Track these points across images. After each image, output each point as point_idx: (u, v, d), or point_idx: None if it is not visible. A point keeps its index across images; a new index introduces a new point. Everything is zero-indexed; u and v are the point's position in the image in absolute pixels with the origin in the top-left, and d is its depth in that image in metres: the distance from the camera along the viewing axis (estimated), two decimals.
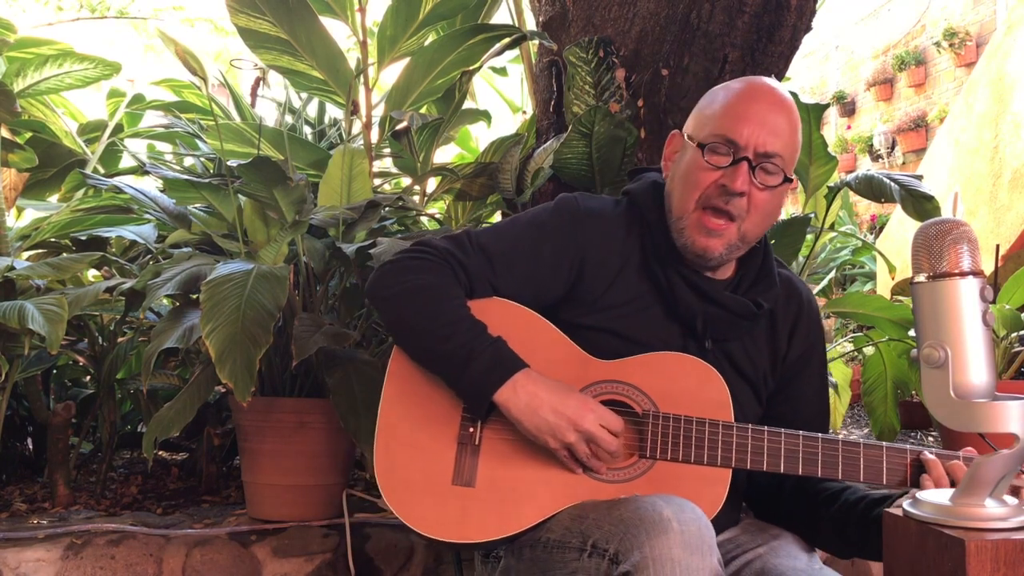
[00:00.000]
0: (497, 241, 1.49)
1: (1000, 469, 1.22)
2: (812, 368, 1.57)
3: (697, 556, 1.16)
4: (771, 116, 1.43)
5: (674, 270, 1.48)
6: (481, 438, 1.42)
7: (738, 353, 1.51)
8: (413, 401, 1.45)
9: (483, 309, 1.44)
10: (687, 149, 1.48)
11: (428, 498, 1.40)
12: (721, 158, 1.42)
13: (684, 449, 1.39)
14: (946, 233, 1.22)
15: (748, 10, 2.27)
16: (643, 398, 1.42)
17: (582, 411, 1.35)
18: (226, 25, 7.82)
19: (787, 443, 1.39)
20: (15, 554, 1.92)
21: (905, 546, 1.27)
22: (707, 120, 1.46)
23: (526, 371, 1.37)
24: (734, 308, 1.48)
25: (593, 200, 1.55)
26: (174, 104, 3.14)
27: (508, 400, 1.35)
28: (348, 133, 2.86)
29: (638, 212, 1.53)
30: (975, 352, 1.21)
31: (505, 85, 3.82)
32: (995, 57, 5.61)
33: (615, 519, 1.23)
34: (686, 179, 1.45)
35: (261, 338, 1.83)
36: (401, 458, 1.42)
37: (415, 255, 1.46)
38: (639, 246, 1.50)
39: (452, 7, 2.50)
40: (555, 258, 1.48)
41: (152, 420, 2.03)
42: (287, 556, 2.01)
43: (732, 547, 1.45)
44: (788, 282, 1.58)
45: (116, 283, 2.21)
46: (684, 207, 1.45)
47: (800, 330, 1.56)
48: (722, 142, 1.42)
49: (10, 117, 2.36)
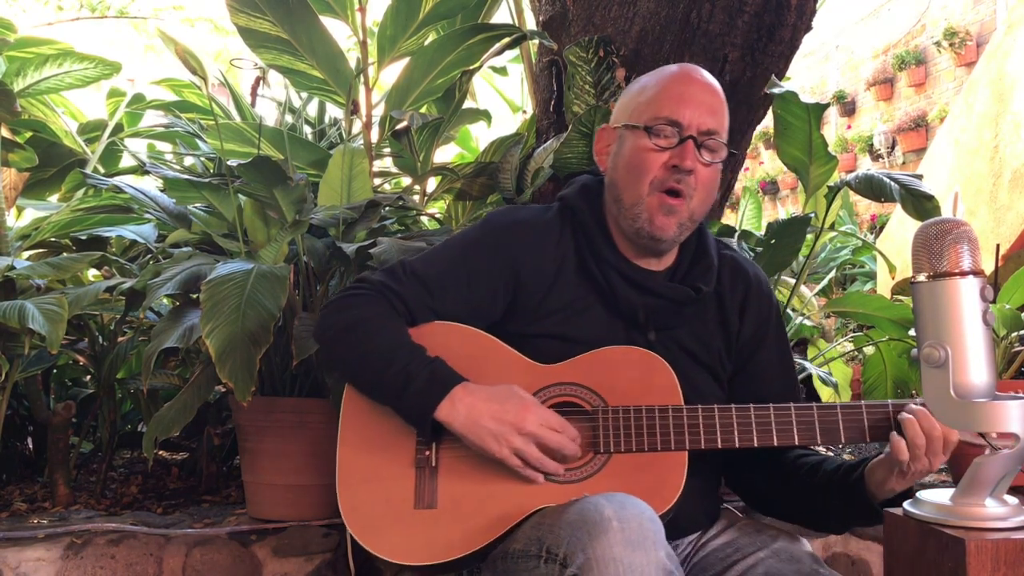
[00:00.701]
0: (431, 266, 1.52)
1: (1000, 469, 1.22)
2: (769, 344, 1.58)
3: (640, 552, 1.16)
4: (707, 96, 1.49)
5: (610, 267, 1.50)
6: (438, 459, 1.43)
7: (689, 339, 1.53)
8: (369, 435, 1.47)
9: (425, 333, 1.47)
10: (625, 138, 1.51)
11: (394, 527, 1.41)
12: (668, 140, 1.45)
13: (636, 439, 1.39)
14: (946, 233, 1.22)
15: (748, 10, 2.27)
16: (592, 395, 1.44)
17: (522, 413, 1.36)
18: (226, 25, 7.82)
19: (739, 416, 1.40)
20: (15, 554, 1.92)
21: (905, 546, 1.27)
22: (645, 106, 1.49)
23: (464, 385, 1.39)
24: (673, 296, 1.50)
25: (521, 211, 1.59)
26: (174, 104, 3.14)
27: (448, 415, 1.37)
28: (348, 133, 2.86)
29: (570, 215, 1.56)
30: (975, 352, 1.21)
31: (505, 85, 3.82)
32: (995, 57, 5.61)
33: (563, 523, 1.24)
34: (633, 165, 1.48)
35: (261, 338, 1.83)
36: (364, 493, 1.44)
37: (351, 292, 1.50)
38: (573, 248, 1.53)
39: (452, 7, 2.50)
40: (489, 274, 1.50)
41: (152, 420, 2.03)
42: (287, 556, 2.01)
43: (731, 551, 1.45)
44: (733, 262, 1.60)
45: (116, 283, 2.21)
46: (637, 193, 1.47)
47: (750, 308, 1.57)
48: (666, 123, 1.45)
49: (10, 117, 2.36)
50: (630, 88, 1.57)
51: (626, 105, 1.54)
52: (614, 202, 1.51)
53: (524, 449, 1.36)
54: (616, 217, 1.51)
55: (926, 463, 1.33)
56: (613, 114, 1.58)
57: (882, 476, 1.37)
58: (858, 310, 2.66)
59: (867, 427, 1.39)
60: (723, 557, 1.44)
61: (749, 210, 4.23)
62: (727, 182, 2.61)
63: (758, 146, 12.67)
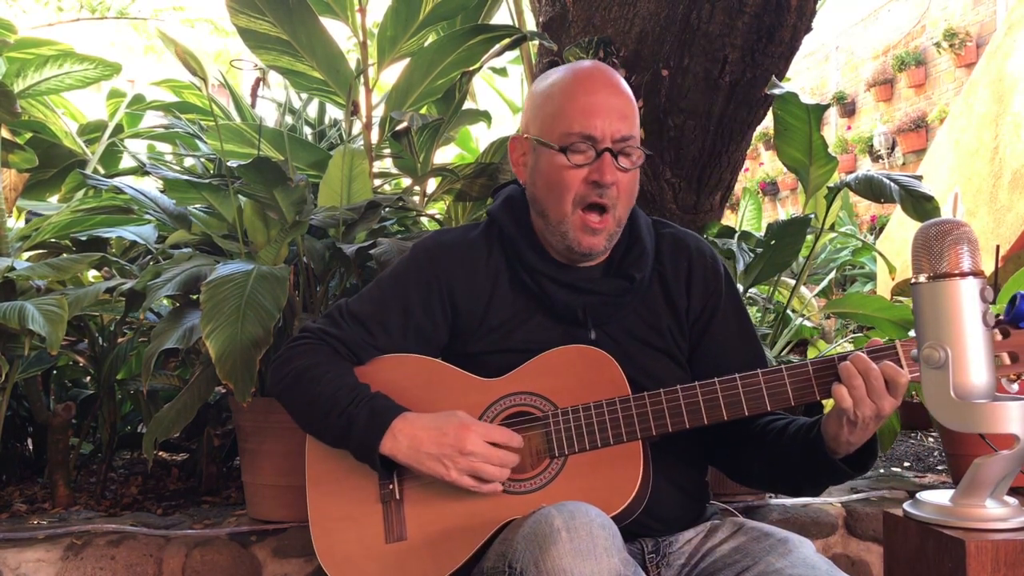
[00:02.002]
0: (366, 305, 1.54)
1: (1000, 469, 1.22)
2: (723, 315, 1.56)
3: (590, 561, 1.16)
4: (614, 100, 1.46)
5: (541, 274, 1.50)
6: (401, 491, 1.45)
7: (637, 327, 1.52)
8: (333, 477, 1.49)
9: (371, 371, 1.49)
10: (540, 153, 1.48)
11: (369, 565, 1.43)
12: (583, 156, 1.44)
13: (589, 437, 1.39)
14: (946, 234, 1.23)
15: (748, 11, 2.27)
16: (542, 401, 1.44)
17: (461, 434, 1.37)
18: (226, 26, 7.82)
19: (685, 396, 1.39)
20: (15, 554, 1.92)
21: (905, 546, 1.27)
22: (554, 120, 1.46)
23: (403, 416, 1.41)
24: (606, 290, 1.50)
25: (446, 234, 1.60)
26: (174, 104, 3.15)
27: (392, 449, 1.40)
28: (348, 134, 2.86)
29: (497, 229, 1.56)
30: (975, 352, 1.21)
31: (505, 85, 3.82)
32: (995, 57, 5.61)
33: (519, 536, 1.25)
34: (553, 184, 1.47)
35: (261, 339, 1.83)
36: (336, 535, 1.47)
37: (294, 344, 1.53)
38: (505, 262, 1.54)
39: (452, 7, 2.50)
40: (424, 302, 1.52)
41: (152, 421, 2.03)
42: (287, 556, 2.01)
43: (740, 556, 1.43)
44: (672, 238, 1.58)
45: (116, 283, 2.21)
46: (562, 211, 1.46)
47: (696, 281, 1.55)
48: (580, 139, 1.43)
49: (10, 117, 2.36)
50: (537, 88, 1.53)
51: (535, 114, 1.51)
52: (539, 216, 1.51)
53: (472, 467, 1.37)
54: (543, 231, 1.51)
55: (872, 407, 1.30)
56: (523, 119, 1.56)
57: (835, 429, 1.34)
58: (858, 311, 2.65)
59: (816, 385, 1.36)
60: (731, 563, 1.42)
61: (749, 211, 4.23)
62: (727, 183, 2.61)
63: (758, 147, 12.68)
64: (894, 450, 3.23)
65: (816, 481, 1.46)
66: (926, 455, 3.17)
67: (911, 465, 2.99)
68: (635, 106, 1.50)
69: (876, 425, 1.33)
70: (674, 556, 1.48)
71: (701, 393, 1.39)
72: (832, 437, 1.36)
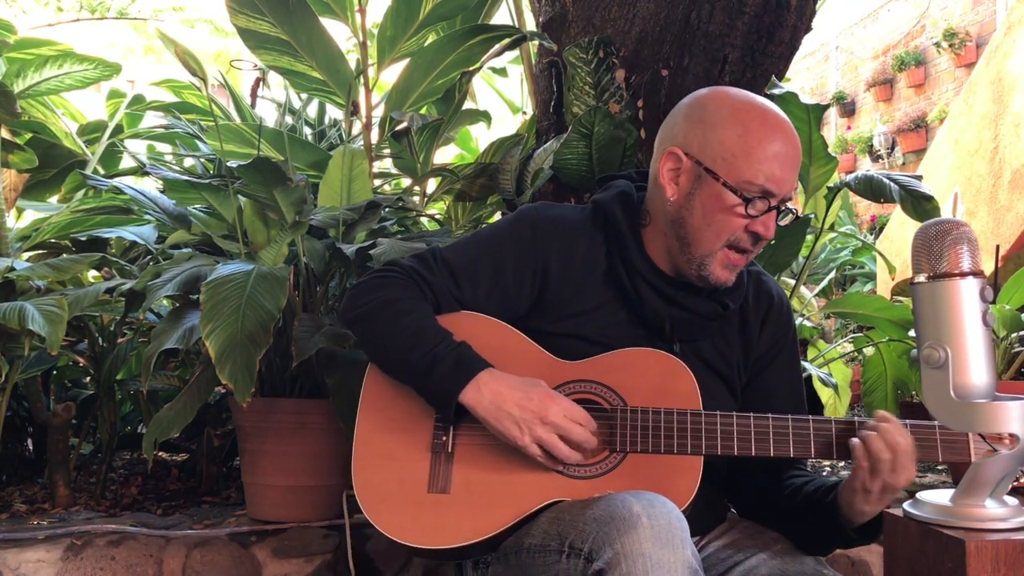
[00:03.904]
0: (460, 256, 1.51)
1: (1000, 469, 1.22)
2: (781, 362, 1.58)
3: (668, 549, 1.16)
4: (796, 155, 1.43)
5: (640, 276, 1.49)
6: (454, 445, 1.43)
7: (709, 351, 1.53)
8: (388, 415, 1.47)
9: (451, 322, 1.47)
10: (706, 182, 1.42)
11: (406, 508, 1.41)
12: (760, 207, 1.41)
13: (653, 440, 1.39)
14: (946, 234, 1.22)
15: (748, 11, 2.27)
16: (611, 394, 1.44)
17: (546, 403, 1.36)
18: (226, 26, 7.82)
19: (756, 424, 1.39)
20: (15, 555, 1.91)
21: (905, 547, 1.27)
22: (737, 160, 1.40)
23: (490, 370, 1.39)
24: (700, 310, 1.50)
25: (555, 209, 1.57)
26: (174, 105, 3.14)
27: (473, 399, 1.37)
28: (348, 134, 2.86)
29: (603, 220, 1.54)
30: (975, 352, 1.21)
31: (505, 86, 3.82)
32: (995, 57, 5.60)
33: (588, 518, 1.24)
34: (715, 222, 1.43)
35: (261, 339, 1.83)
36: (378, 472, 1.44)
37: (381, 275, 1.50)
38: (604, 253, 1.52)
39: (452, 8, 2.50)
40: (518, 269, 1.50)
41: (152, 421, 2.03)
42: (287, 557, 2.01)
43: (732, 551, 1.45)
44: (758, 279, 1.60)
45: (116, 284, 2.21)
46: (711, 247, 1.44)
47: (769, 325, 1.57)
48: (761, 195, 1.40)
49: (10, 118, 2.36)
50: (708, 107, 1.45)
51: (707, 138, 1.42)
52: (676, 239, 1.47)
53: (546, 439, 1.35)
54: (673, 251, 1.48)
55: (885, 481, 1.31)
56: (685, 135, 1.46)
57: (849, 496, 1.36)
58: (858, 311, 2.66)
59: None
60: (724, 558, 1.44)
61: None
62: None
63: None
64: None
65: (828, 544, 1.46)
66: None
67: None
68: None
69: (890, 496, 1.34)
70: None
71: (772, 425, 1.39)
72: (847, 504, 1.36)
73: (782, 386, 1.58)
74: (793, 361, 1.61)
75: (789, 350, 1.60)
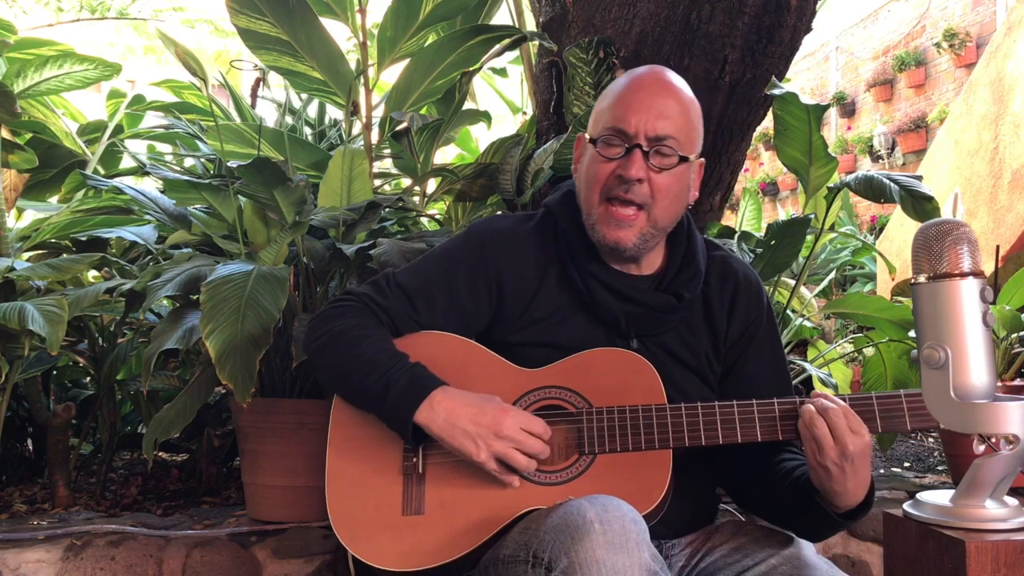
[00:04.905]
0: (414, 279, 1.53)
1: (1000, 470, 1.22)
2: (758, 345, 1.56)
3: (623, 554, 1.16)
4: (658, 101, 1.46)
5: (591, 275, 1.50)
6: (424, 466, 1.44)
7: (675, 343, 1.52)
8: (357, 443, 1.48)
9: (410, 344, 1.48)
10: (587, 149, 1.52)
11: (382, 533, 1.42)
12: (614, 149, 1.46)
13: (621, 439, 1.40)
14: (946, 234, 1.22)
15: (748, 11, 2.27)
16: (576, 398, 1.44)
17: (500, 417, 1.37)
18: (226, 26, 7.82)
19: (721, 413, 1.40)
20: (15, 555, 1.92)
21: (905, 547, 1.27)
22: (599, 117, 1.50)
23: (443, 388, 1.40)
24: (654, 304, 1.50)
25: (502, 221, 1.59)
26: (174, 105, 3.15)
27: (427, 418, 1.38)
28: (348, 134, 2.86)
29: (553, 222, 1.56)
30: (975, 353, 1.21)
31: (505, 86, 3.82)
32: (995, 58, 5.60)
33: (547, 527, 1.25)
34: (587, 176, 1.50)
35: (261, 339, 1.83)
36: (353, 500, 1.45)
37: (336, 304, 1.52)
38: (556, 256, 1.53)
39: (452, 8, 2.50)
40: (471, 285, 1.52)
41: (152, 421, 2.03)
42: (287, 557, 2.01)
43: (740, 556, 1.43)
44: (722, 263, 1.59)
45: (116, 284, 2.21)
46: (590, 203, 1.48)
47: (739, 309, 1.56)
48: (613, 134, 1.46)
49: (10, 118, 2.37)
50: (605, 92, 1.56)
51: (591, 115, 1.55)
52: (582, 213, 1.52)
53: (503, 452, 1.37)
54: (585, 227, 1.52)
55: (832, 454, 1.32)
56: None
57: (815, 479, 1.36)
58: (858, 311, 2.65)
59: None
60: (731, 563, 1.43)
61: (749, 211, 4.22)
62: (727, 183, 2.61)
63: (758, 147, 12.68)
64: (894, 450, 3.23)
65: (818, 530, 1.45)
66: (926, 455, 3.17)
67: (911, 465, 2.99)
68: (686, 111, 1.49)
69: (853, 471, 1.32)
70: (675, 558, 1.48)
71: (737, 411, 1.40)
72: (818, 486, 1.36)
73: (764, 371, 1.56)
74: (772, 343, 1.59)
75: (765, 331, 1.58)
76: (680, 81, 1.52)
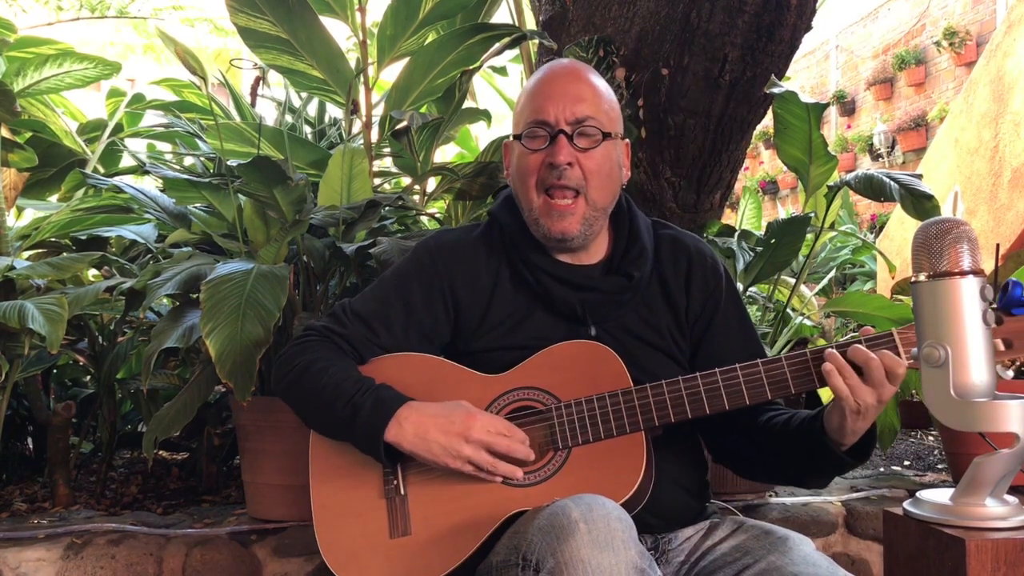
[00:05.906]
0: (369, 304, 1.56)
1: (1000, 469, 1.22)
2: (723, 316, 1.57)
3: (608, 553, 1.17)
4: (571, 87, 1.51)
5: (542, 270, 1.52)
6: (405, 486, 1.45)
7: (636, 324, 1.53)
8: (337, 473, 1.50)
9: (375, 368, 1.50)
10: (514, 148, 1.55)
11: (374, 561, 1.43)
12: (539, 140, 1.49)
13: (592, 428, 1.41)
14: (946, 232, 1.23)
15: (748, 9, 2.27)
16: (545, 396, 1.45)
17: (468, 422, 1.39)
18: (226, 25, 7.82)
19: (687, 386, 1.40)
20: (15, 554, 1.92)
21: (905, 546, 1.27)
22: (519, 116, 1.55)
23: (409, 404, 1.42)
24: (606, 288, 1.52)
25: (449, 234, 1.62)
26: (174, 104, 3.14)
27: (397, 435, 1.40)
28: (348, 132, 2.86)
29: (498, 227, 1.59)
30: (975, 351, 1.21)
31: (505, 84, 3.82)
32: (995, 56, 5.60)
33: (535, 528, 1.25)
34: (519, 172, 1.53)
35: (261, 338, 1.83)
36: (340, 531, 1.47)
37: (298, 342, 1.54)
38: (506, 259, 1.56)
39: (452, 7, 2.50)
40: (427, 301, 1.54)
41: (152, 420, 2.03)
42: (287, 556, 2.01)
43: (740, 554, 1.43)
44: (672, 240, 1.60)
45: (116, 283, 2.21)
46: (528, 198, 1.51)
47: (695, 282, 1.57)
48: (536, 125, 1.50)
49: (10, 117, 2.36)
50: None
51: (513, 117, 1.59)
52: (523, 212, 1.54)
53: (475, 456, 1.38)
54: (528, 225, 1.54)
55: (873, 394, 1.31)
56: None
57: (838, 421, 1.35)
58: (858, 310, 2.65)
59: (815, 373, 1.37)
60: (731, 561, 1.42)
61: (749, 210, 4.22)
62: (727, 182, 2.61)
63: (758, 146, 12.68)
64: (894, 449, 3.23)
65: (821, 472, 1.46)
66: (926, 454, 3.17)
67: (911, 464, 2.99)
68: (600, 93, 1.53)
69: (877, 412, 1.34)
70: (673, 553, 1.48)
71: (702, 383, 1.40)
72: (835, 428, 1.36)
73: (732, 338, 1.57)
74: (738, 313, 1.60)
75: (728, 301, 1.58)
76: (590, 68, 1.57)
